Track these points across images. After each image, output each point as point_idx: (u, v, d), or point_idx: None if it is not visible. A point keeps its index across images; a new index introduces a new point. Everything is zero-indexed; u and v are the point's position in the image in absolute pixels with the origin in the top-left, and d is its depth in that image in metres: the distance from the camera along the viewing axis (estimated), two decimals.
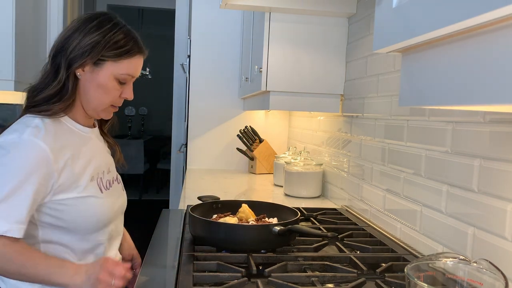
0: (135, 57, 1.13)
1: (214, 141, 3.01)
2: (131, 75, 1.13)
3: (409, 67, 0.64)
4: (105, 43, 1.07)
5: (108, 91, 1.11)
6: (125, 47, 1.10)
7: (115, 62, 1.09)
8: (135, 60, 1.13)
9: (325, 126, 2.20)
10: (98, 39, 1.07)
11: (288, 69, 1.88)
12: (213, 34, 2.96)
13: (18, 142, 1.01)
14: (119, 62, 1.09)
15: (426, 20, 0.53)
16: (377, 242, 1.32)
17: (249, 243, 1.18)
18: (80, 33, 1.08)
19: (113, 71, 1.10)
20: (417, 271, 0.77)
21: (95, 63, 1.08)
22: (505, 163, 0.92)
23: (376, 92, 1.58)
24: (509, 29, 0.42)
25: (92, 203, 1.11)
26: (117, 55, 1.09)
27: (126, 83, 1.14)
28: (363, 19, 1.73)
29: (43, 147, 1.02)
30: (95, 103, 1.13)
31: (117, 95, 1.14)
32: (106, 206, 1.15)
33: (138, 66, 1.15)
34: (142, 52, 1.15)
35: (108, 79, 1.10)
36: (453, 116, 1.11)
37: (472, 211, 1.02)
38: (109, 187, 1.20)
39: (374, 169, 1.58)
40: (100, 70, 1.09)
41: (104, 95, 1.11)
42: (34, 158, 1.01)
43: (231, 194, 2.12)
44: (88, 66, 1.09)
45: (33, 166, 1.00)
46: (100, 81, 1.10)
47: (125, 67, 1.11)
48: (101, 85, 1.10)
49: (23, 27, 3.38)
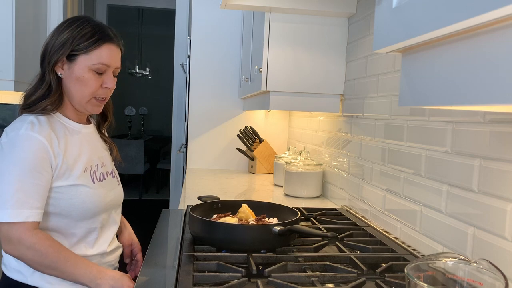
0: (105, 46, 1.20)
1: (214, 141, 3.01)
2: (105, 63, 1.20)
3: (409, 67, 0.64)
4: (73, 38, 1.17)
5: (86, 83, 1.20)
6: (92, 38, 1.18)
7: (86, 54, 1.18)
8: (105, 49, 1.20)
9: (325, 126, 2.20)
10: (68, 36, 1.18)
11: (288, 69, 1.88)
12: (213, 34, 2.96)
13: (17, 138, 1.12)
14: (89, 53, 1.18)
15: (426, 20, 0.53)
16: (377, 242, 1.32)
17: (249, 243, 1.18)
18: (54, 35, 1.21)
19: (86, 63, 1.18)
20: (417, 271, 0.77)
21: (69, 59, 1.19)
22: (505, 163, 0.92)
23: (376, 92, 1.58)
24: (509, 29, 0.42)
25: (83, 192, 1.21)
26: (86, 47, 1.18)
27: (104, 73, 1.22)
28: (363, 19, 1.73)
29: (39, 138, 1.13)
30: (77, 96, 1.22)
31: (96, 86, 1.21)
32: (97, 196, 1.24)
33: (111, 55, 1.22)
34: (111, 41, 1.22)
35: (83, 71, 1.19)
36: (453, 116, 1.11)
37: (472, 211, 1.02)
38: (103, 179, 1.29)
39: (374, 169, 1.58)
40: (75, 65, 1.19)
41: (83, 87, 1.20)
42: (34, 149, 1.12)
43: (231, 194, 2.12)
44: (65, 64, 1.20)
45: (34, 155, 1.12)
46: (76, 75, 1.19)
47: (96, 57, 1.19)
48: (78, 78, 1.19)
49: (23, 27, 3.38)
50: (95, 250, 1.26)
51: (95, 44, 1.19)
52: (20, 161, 1.11)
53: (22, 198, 1.09)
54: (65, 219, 1.20)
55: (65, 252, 1.14)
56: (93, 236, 1.26)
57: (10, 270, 1.20)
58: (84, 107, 1.25)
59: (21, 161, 1.11)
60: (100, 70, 1.20)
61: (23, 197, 1.09)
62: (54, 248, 1.11)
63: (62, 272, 1.12)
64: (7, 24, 3.22)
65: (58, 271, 1.11)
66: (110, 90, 1.27)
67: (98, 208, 1.25)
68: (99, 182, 1.27)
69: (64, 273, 1.12)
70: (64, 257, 1.12)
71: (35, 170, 1.11)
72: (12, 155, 1.11)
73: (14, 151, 1.12)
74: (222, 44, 2.97)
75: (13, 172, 1.10)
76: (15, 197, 1.08)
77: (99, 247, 1.27)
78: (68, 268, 1.11)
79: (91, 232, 1.26)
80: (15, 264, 1.18)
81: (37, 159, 1.12)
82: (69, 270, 1.11)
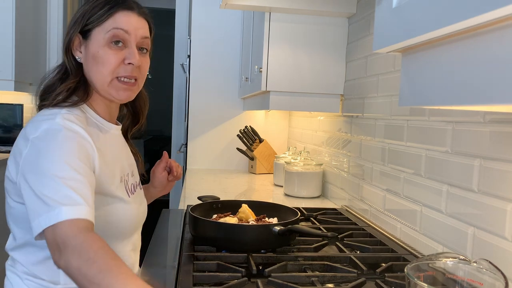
0: (120, 12, 1.00)
1: (214, 141, 3.01)
2: (121, 28, 0.99)
3: (409, 67, 0.64)
4: (85, 12, 1.00)
5: (102, 59, 0.99)
6: (105, 7, 1.00)
7: (100, 27, 0.99)
8: (120, 16, 1.00)
9: (325, 126, 2.20)
10: (81, 12, 1.01)
11: (288, 69, 1.88)
12: (213, 34, 2.96)
13: (53, 129, 0.90)
14: (103, 24, 0.99)
15: (426, 20, 0.53)
16: (377, 242, 1.32)
17: (249, 243, 1.18)
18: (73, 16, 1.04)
19: (100, 36, 0.99)
20: (417, 271, 0.77)
21: (84, 37, 1.01)
22: (505, 163, 0.92)
23: (376, 92, 1.58)
24: (509, 29, 0.42)
25: (120, 207, 1.00)
26: (98, 18, 0.99)
27: (123, 43, 1.00)
28: (363, 19, 1.73)
29: (79, 130, 0.93)
30: (97, 79, 1.01)
31: (115, 62, 1.00)
32: (132, 211, 1.04)
33: (129, 21, 1.01)
34: (127, 7, 1.02)
35: (98, 46, 0.99)
36: (453, 116, 1.11)
37: (472, 211, 1.02)
38: (134, 191, 1.10)
39: (374, 169, 1.58)
40: (90, 42, 1.00)
41: (100, 65, 0.99)
42: (78, 140, 0.91)
43: (231, 194, 2.12)
44: (81, 45, 1.02)
45: (80, 146, 0.91)
46: (92, 52, 1.00)
47: (110, 24, 0.99)
48: (94, 56, 0.99)
49: (23, 27, 3.38)
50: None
51: (108, 12, 0.99)
52: (62, 151, 0.87)
53: (74, 194, 0.82)
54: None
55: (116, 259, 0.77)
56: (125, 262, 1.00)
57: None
58: (108, 92, 1.02)
59: (64, 151, 0.87)
60: (117, 38, 0.99)
61: (75, 192, 0.83)
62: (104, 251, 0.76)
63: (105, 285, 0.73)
64: (7, 24, 3.22)
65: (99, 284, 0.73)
66: (137, 68, 1.02)
67: (133, 228, 1.06)
68: (132, 194, 1.08)
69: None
70: (117, 266, 0.75)
71: (81, 163, 0.88)
72: (53, 147, 0.87)
73: (51, 143, 0.88)
74: (222, 44, 2.97)
75: (57, 164, 0.85)
76: (65, 193, 0.82)
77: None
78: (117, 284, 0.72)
79: (123, 257, 1.02)
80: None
81: (82, 151, 0.90)
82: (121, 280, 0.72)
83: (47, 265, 0.94)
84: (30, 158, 0.87)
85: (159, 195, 1.39)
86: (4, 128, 3.61)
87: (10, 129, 3.62)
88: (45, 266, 0.94)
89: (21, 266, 0.96)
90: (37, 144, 0.88)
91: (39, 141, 0.88)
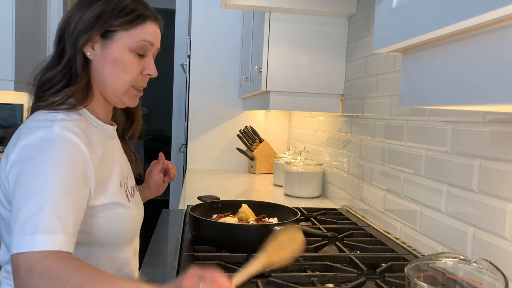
0: (149, 24, 0.97)
1: (214, 141, 3.01)
2: (149, 41, 0.97)
3: (409, 67, 0.64)
4: (111, 11, 0.93)
5: (125, 66, 0.95)
6: (135, 12, 0.95)
7: (127, 31, 0.94)
8: (149, 27, 0.97)
9: (325, 126, 2.20)
10: (102, 8, 0.93)
11: (288, 69, 1.88)
12: (213, 34, 2.96)
13: (47, 139, 0.84)
14: (131, 30, 0.95)
15: (426, 20, 0.53)
16: (377, 242, 1.32)
17: (249, 243, 1.18)
18: (81, 8, 0.94)
19: (126, 42, 0.94)
20: (417, 271, 0.77)
21: (104, 36, 0.94)
22: (505, 163, 0.92)
23: (376, 92, 1.58)
24: (509, 29, 0.42)
25: (120, 212, 0.96)
26: (127, 22, 0.94)
27: (145, 55, 0.98)
28: (363, 19, 1.74)
29: (77, 141, 0.86)
30: (113, 83, 0.96)
31: (137, 71, 0.97)
32: (133, 216, 1.01)
33: (154, 34, 0.99)
34: (156, 19, 1.00)
35: (122, 51, 0.95)
36: (453, 116, 1.11)
37: (472, 211, 1.02)
38: (133, 194, 1.07)
39: (374, 169, 1.58)
40: (112, 43, 0.94)
41: (122, 72, 0.95)
42: (72, 154, 0.84)
43: (231, 194, 2.12)
44: (97, 42, 0.94)
45: (73, 162, 0.84)
46: (114, 55, 0.94)
47: (139, 34, 0.95)
48: (116, 60, 0.94)
49: (23, 27, 3.38)
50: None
51: (138, 19, 0.95)
52: (55, 168, 0.81)
53: (55, 220, 0.76)
54: (103, 250, 0.94)
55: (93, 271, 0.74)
56: (128, 269, 1.00)
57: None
58: (120, 99, 0.98)
59: (56, 168, 0.81)
60: (143, 50, 0.96)
61: (57, 219, 0.76)
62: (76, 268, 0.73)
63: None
64: (7, 24, 3.22)
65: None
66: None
67: (134, 232, 1.03)
68: (132, 198, 1.04)
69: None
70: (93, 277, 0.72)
71: (74, 182, 0.82)
72: (44, 160, 0.81)
73: (45, 155, 0.82)
74: (222, 44, 2.97)
75: (45, 183, 0.79)
76: (47, 218, 0.76)
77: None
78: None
79: (127, 264, 1.01)
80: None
81: (76, 168, 0.84)
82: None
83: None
84: (20, 167, 0.81)
85: (152, 197, 1.33)
86: (4, 128, 3.62)
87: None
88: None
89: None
90: (29, 152, 0.82)
91: (32, 149, 0.83)
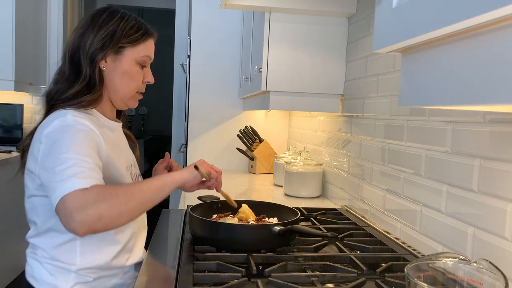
0: (149, 40, 1.20)
1: (214, 141, 3.01)
2: (149, 56, 1.20)
3: (409, 67, 0.64)
4: (122, 31, 1.13)
5: (133, 76, 1.17)
6: (139, 31, 1.17)
7: (133, 47, 1.16)
8: (149, 43, 1.20)
9: (325, 126, 2.20)
10: (114, 29, 1.13)
11: (288, 69, 1.88)
12: (213, 34, 2.96)
13: (65, 125, 1.02)
14: (136, 46, 1.16)
15: (426, 20, 0.53)
16: (377, 242, 1.32)
17: (249, 243, 1.18)
18: (93, 28, 1.13)
19: (133, 56, 1.16)
20: (417, 271, 0.77)
21: (116, 52, 1.14)
22: (505, 163, 0.92)
23: (376, 92, 1.58)
24: (509, 29, 0.43)
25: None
26: (134, 40, 1.15)
27: (146, 66, 1.21)
28: (363, 19, 1.74)
29: (88, 124, 1.06)
30: (122, 91, 1.17)
31: (141, 80, 1.20)
32: None
33: (153, 49, 1.23)
34: (153, 35, 1.23)
35: (131, 64, 1.16)
36: (453, 116, 1.11)
37: (472, 211, 1.02)
38: (137, 180, 1.26)
39: (374, 169, 1.58)
40: (122, 57, 1.15)
41: (130, 81, 1.17)
42: (88, 134, 1.04)
43: (231, 194, 2.11)
44: (109, 56, 1.14)
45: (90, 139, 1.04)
46: (124, 68, 1.15)
47: (142, 50, 1.17)
48: (126, 72, 1.16)
49: (23, 28, 3.38)
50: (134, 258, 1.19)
51: (142, 37, 1.17)
52: (75, 140, 0.99)
53: (86, 170, 0.95)
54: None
55: (129, 184, 1.08)
56: (131, 243, 1.19)
57: (42, 283, 1.09)
58: (126, 102, 1.21)
59: (76, 141, 0.99)
60: (145, 63, 1.19)
61: (86, 170, 0.95)
62: (118, 187, 0.99)
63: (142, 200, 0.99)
64: (7, 24, 3.22)
65: (137, 199, 0.98)
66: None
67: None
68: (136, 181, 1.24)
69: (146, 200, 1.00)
70: (134, 186, 1.03)
71: (92, 150, 1.01)
72: (66, 137, 1.00)
73: (66, 134, 1.00)
74: (222, 44, 2.97)
75: (70, 150, 0.97)
76: (77, 169, 0.94)
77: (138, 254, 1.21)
78: (147, 193, 1.01)
79: (132, 238, 1.19)
80: (50, 277, 1.08)
81: (92, 143, 1.03)
82: (148, 196, 1.00)
83: (66, 248, 1.08)
84: (47, 148, 1.00)
85: None
86: (4, 128, 3.61)
87: (10, 129, 3.62)
88: (64, 249, 1.08)
89: (42, 251, 1.10)
90: (51, 136, 1.01)
91: (53, 133, 1.01)
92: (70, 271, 1.08)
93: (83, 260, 1.08)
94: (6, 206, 3.22)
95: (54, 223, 1.06)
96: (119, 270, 1.15)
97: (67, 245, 1.08)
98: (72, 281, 1.08)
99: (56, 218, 0.99)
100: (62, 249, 1.08)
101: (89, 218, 0.89)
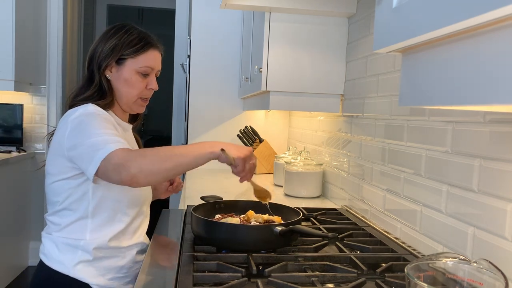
0: (150, 51, 1.32)
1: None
2: (150, 67, 1.32)
3: (409, 67, 0.64)
4: (122, 44, 1.28)
5: (133, 84, 1.30)
6: (139, 44, 1.30)
7: (134, 58, 1.29)
8: (150, 54, 1.32)
9: (325, 126, 2.20)
10: (116, 42, 1.29)
11: (288, 69, 1.88)
12: (213, 34, 2.96)
13: (88, 112, 1.20)
14: (136, 58, 1.29)
15: (426, 20, 0.53)
16: (377, 242, 1.32)
17: (251, 243, 1.18)
18: (102, 41, 1.31)
19: (133, 66, 1.29)
20: (417, 271, 0.77)
21: (118, 62, 1.29)
22: (505, 163, 0.92)
23: (376, 92, 1.58)
24: (509, 29, 0.43)
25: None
26: (133, 52, 1.29)
27: (149, 75, 1.32)
28: (363, 19, 1.74)
29: (107, 113, 1.25)
30: (125, 97, 1.32)
31: (142, 87, 1.32)
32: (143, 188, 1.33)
33: (155, 59, 1.34)
34: (155, 46, 1.34)
35: (131, 73, 1.29)
36: (453, 116, 1.11)
37: (472, 211, 1.02)
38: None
39: (374, 169, 1.58)
40: (123, 68, 1.29)
41: (130, 88, 1.30)
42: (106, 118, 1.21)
43: (231, 194, 2.12)
44: (113, 67, 1.29)
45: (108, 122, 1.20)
46: (125, 77, 1.30)
47: (142, 61, 1.30)
48: (126, 80, 1.30)
49: (23, 27, 3.38)
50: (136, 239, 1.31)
51: (141, 49, 1.29)
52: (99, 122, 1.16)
53: (115, 137, 1.14)
54: (117, 204, 1.25)
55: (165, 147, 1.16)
56: (135, 224, 1.32)
57: (51, 260, 1.23)
58: (131, 107, 1.35)
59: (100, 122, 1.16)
60: (146, 73, 1.31)
61: (115, 138, 1.14)
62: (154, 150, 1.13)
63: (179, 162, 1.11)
64: (7, 24, 3.22)
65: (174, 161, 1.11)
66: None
67: (144, 198, 1.35)
68: None
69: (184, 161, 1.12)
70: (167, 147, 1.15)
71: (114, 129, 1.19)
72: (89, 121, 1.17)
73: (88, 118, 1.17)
74: (222, 44, 2.97)
75: (96, 128, 1.14)
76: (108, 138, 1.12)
77: (139, 237, 1.33)
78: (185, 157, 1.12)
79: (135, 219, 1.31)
80: (58, 254, 1.22)
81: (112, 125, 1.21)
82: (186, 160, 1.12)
83: (77, 225, 1.23)
84: (74, 129, 1.17)
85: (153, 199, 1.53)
86: (4, 128, 3.61)
87: (10, 129, 3.62)
88: (75, 226, 1.23)
89: (55, 226, 1.25)
90: (75, 121, 1.18)
91: (77, 118, 1.18)
92: (77, 248, 1.22)
93: (92, 235, 1.23)
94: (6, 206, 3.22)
95: (69, 203, 1.22)
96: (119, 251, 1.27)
97: (78, 222, 1.22)
98: (77, 259, 1.21)
99: (71, 198, 1.21)
100: (73, 226, 1.23)
101: (133, 171, 1.06)
